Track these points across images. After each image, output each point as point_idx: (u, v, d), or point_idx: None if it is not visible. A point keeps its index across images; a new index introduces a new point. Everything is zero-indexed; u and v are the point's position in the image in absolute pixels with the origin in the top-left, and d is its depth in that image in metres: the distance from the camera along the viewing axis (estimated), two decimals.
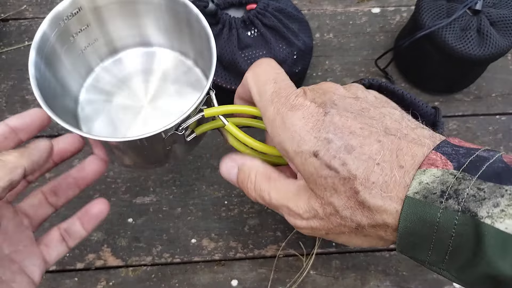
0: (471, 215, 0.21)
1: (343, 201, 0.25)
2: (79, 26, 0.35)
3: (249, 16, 0.45)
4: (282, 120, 0.27)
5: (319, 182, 0.26)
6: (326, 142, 0.25)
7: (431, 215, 0.22)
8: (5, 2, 0.57)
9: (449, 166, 0.23)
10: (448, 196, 0.22)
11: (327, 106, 0.26)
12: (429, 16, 0.47)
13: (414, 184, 0.23)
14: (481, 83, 0.55)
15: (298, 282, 0.45)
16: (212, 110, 0.30)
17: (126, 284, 0.45)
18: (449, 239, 0.22)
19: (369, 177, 0.24)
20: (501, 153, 0.24)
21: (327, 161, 0.25)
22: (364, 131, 0.25)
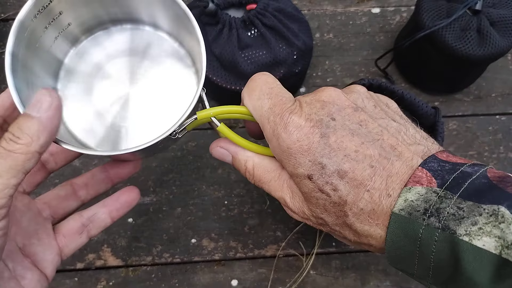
0: (450, 232, 0.22)
1: (332, 219, 0.27)
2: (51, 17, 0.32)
3: (249, 16, 0.45)
4: (278, 142, 0.27)
5: (312, 201, 0.27)
6: (320, 167, 0.26)
7: (414, 230, 0.24)
8: (5, 2, 0.57)
9: (433, 183, 0.24)
10: (430, 214, 0.23)
11: (323, 125, 0.26)
12: (429, 16, 0.47)
13: (400, 201, 0.24)
14: (481, 83, 0.55)
15: (298, 282, 0.46)
16: (205, 113, 0.30)
17: (126, 284, 0.45)
18: (430, 254, 0.23)
19: (358, 204, 0.25)
20: (486, 167, 0.24)
21: (320, 185, 0.26)
22: (358, 155, 0.25)
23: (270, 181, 0.30)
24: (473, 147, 0.52)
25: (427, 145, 0.27)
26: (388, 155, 0.25)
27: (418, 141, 0.27)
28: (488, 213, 0.22)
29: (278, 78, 0.46)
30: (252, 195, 0.49)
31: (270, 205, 0.48)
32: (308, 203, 0.28)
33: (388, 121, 0.27)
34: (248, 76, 0.45)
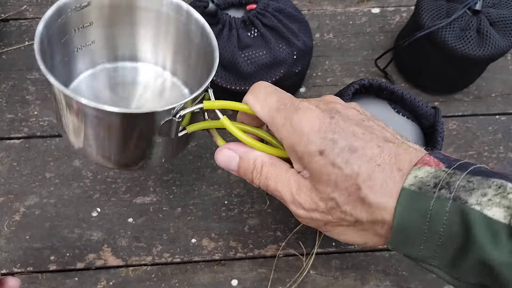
0: (462, 202, 0.23)
1: (344, 197, 0.27)
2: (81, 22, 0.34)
3: (249, 16, 0.45)
4: (291, 124, 0.28)
5: (323, 179, 0.27)
6: (331, 142, 0.27)
7: (425, 203, 0.24)
8: (5, 2, 0.58)
9: (441, 165, 0.25)
10: (441, 187, 0.24)
11: (332, 111, 0.28)
12: (429, 16, 0.47)
13: (410, 177, 0.25)
14: (481, 83, 0.55)
15: (298, 282, 0.46)
16: (211, 103, 0.31)
17: (126, 284, 0.45)
18: (440, 227, 0.24)
19: (371, 176, 0.26)
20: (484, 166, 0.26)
21: (332, 159, 0.26)
22: (365, 136, 0.27)
23: (277, 176, 0.30)
24: (473, 147, 0.52)
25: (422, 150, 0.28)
26: (393, 141, 0.27)
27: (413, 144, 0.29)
28: (497, 185, 0.23)
29: (278, 78, 0.46)
30: (252, 195, 0.49)
31: (270, 205, 0.48)
32: (318, 184, 0.28)
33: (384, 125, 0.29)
34: (248, 76, 0.46)
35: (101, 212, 0.47)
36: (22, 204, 0.47)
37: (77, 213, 0.47)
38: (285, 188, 0.30)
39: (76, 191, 0.48)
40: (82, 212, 0.47)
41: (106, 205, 0.48)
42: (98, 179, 0.49)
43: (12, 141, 0.50)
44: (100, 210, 0.48)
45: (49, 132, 0.51)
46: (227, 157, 0.32)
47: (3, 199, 0.47)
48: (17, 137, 0.50)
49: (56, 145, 0.50)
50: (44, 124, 0.51)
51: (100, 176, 0.49)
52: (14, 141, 0.50)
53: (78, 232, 0.47)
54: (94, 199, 0.48)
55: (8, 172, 0.48)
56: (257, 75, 0.46)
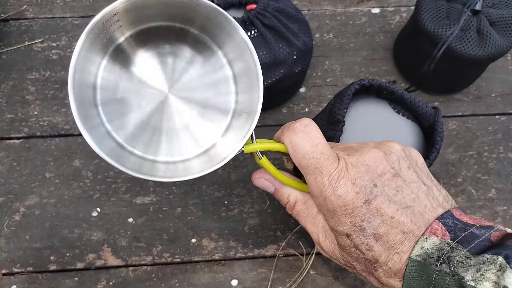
0: (459, 278, 0.26)
1: (362, 268, 0.31)
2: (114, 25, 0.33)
3: (249, 16, 0.45)
4: (325, 203, 0.30)
5: (346, 252, 0.31)
6: (359, 229, 0.29)
7: (428, 274, 0.27)
8: (5, 2, 0.58)
9: (447, 236, 0.28)
10: (442, 261, 0.27)
11: (367, 192, 0.29)
12: (429, 16, 0.47)
13: (417, 248, 0.28)
14: (481, 83, 0.55)
15: (298, 282, 0.46)
16: (252, 147, 0.33)
17: (126, 284, 0.45)
18: None
19: (388, 264, 0.29)
20: (491, 231, 0.28)
21: (356, 244, 0.30)
22: (393, 222, 0.29)
23: (307, 217, 0.34)
24: (473, 147, 0.52)
25: (445, 206, 0.30)
26: (418, 222, 0.29)
27: (441, 203, 0.30)
28: (489, 261, 0.26)
29: (278, 78, 0.46)
30: (252, 195, 0.49)
31: (270, 205, 0.48)
32: (341, 251, 0.32)
33: (419, 184, 0.30)
34: None
35: (101, 212, 0.47)
36: (22, 204, 0.47)
37: (77, 213, 0.47)
38: (313, 230, 0.33)
39: (76, 191, 0.48)
40: (82, 212, 0.47)
41: (106, 205, 0.48)
42: (98, 179, 0.49)
43: (12, 141, 0.50)
44: (100, 210, 0.48)
45: (49, 132, 0.51)
46: (263, 185, 0.36)
47: (3, 199, 0.47)
48: (17, 137, 0.50)
49: (56, 145, 0.50)
50: (44, 124, 0.51)
51: (100, 176, 0.49)
52: (14, 141, 0.50)
53: (78, 232, 0.47)
54: (94, 199, 0.48)
55: (8, 172, 0.48)
56: None
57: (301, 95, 0.54)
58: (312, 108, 0.53)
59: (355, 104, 0.39)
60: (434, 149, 0.37)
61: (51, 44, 0.55)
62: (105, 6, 0.31)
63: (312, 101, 0.53)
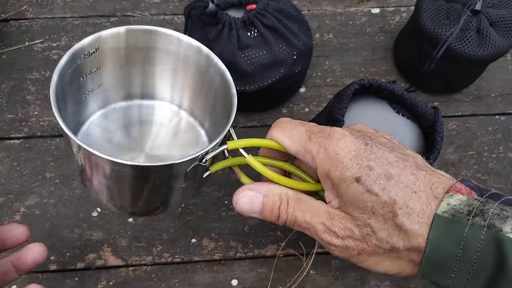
0: (496, 230, 0.23)
1: (380, 223, 0.27)
2: (90, 67, 0.34)
3: (249, 16, 0.45)
4: (326, 151, 0.28)
5: (358, 206, 0.27)
6: (367, 169, 0.27)
7: (459, 230, 0.24)
8: (5, 3, 0.58)
9: (473, 194, 0.26)
10: (475, 214, 0.24)
11: (365, 138, 0.28)
12: (429, 16, 0.47)
13: (443, 204, 0.25)
14: (481, 83, 0.55)
15: (298, 281, 0.46)
16: (235, 143, 0.31)
17: (126, 283, 0.45)
18: (474, 254, 0.24)
19: (408, 203, 0.26)
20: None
21: (369, 186, 0.27)
22: (399, 163, 0.27)
23: (306, 208, 0.30)
24: (473, 147, 0.52)
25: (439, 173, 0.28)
26: (425, 168, 0.27)
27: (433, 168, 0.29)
28: None
29: (278, 78, 0.46)
30: None
31: None
32: (353, 211, 0.28)
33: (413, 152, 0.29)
34: (248, 76, 0.46)
35: (101, 212, 0.47)
36: (22, 204, 0.47)
37: (77, 213, 0.47)
38: (315, 219, 0.29)
39: (76, 191, 0.48)
40: (82, 212, 0.47)
41: None
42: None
43: (12, 141, 0.50)
44: (100, 210, 0.48)
45: (49, 132, 0.51)
46: (249, 198, 0.31)
47: (3, 199, 0.47)
48: (17, 137, 0.50)
49: (56, 145, 0.50)
50: (44, 124, 0.51)
51: None
52: (14, 141, 0.50)
53: (78, 232, 0.47)
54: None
55: (8, 172, 0.49)
56: (257, 75, 0.46)
57: (301, 95, 0.54)
58: (312, 108, 0.53)
59: (355, 104, 0.39)
60: (434, 149, 0.37)
61: (51, 44, 0.55)
62: (105, 6, 0.31)
63: (312, 101, 0.53)
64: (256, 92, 0.47)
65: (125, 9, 0.57)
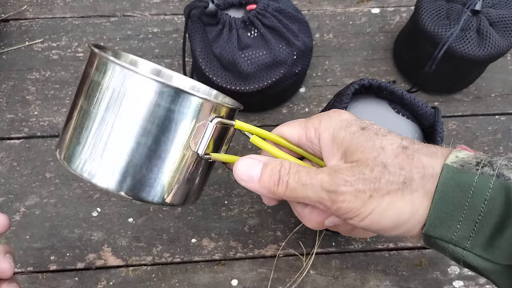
0: (505, 179, 0.24)
1: (391, 158, 0.26)
2: None
3: (249, 16, 0.45)
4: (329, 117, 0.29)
5: (367, 149, 0.27)
6: (369, 123, 0.28)
7: (468, 179, 0.25)
8: (5, 3, 0.58)
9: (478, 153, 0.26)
10: (483, 165, 0.25)
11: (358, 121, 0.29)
12: (429, 16, 0.47)
13: (451, 156, 0.26)
14: (481, 83, 0.55)
15: (298, 281, 0.46)
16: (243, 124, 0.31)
17: (126, 283, 0.45)
18: (482, 203, 0.24)
19: (414, 142, 0.27)
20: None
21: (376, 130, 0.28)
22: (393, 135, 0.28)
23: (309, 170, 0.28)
24: (473, 147, 0.52)
25: None
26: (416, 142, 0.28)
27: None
28: None
29: (278, 78, 0.46)
30: (252, 195, 0.49)
31: None
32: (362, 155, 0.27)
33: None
34: (248, 76, 0.46)
35: (101, 212, 0.47)
36: (22, 204, 0.47)
37: (77, 213, 0.47)
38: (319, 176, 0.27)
39: (76, 191, 0.48)
40: (82, 212, 0.47)
41: (106, 205, 0.48)
42: None
43: (12, 141, 0.50)
44: (100, 210, 0.48)
45: (49, 132, 0.51)
46: (249, 163, 0.30)
47: (3, 199, 0.47)
48: (17, 137, 0.50)
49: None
50: (44, 124, 0.51)
51: None
52: (14, 141, 0.50)
53: (78, 232, 0.47)
54: (94, 199, 0.48)
55: (8, 172, 0.49)
56: (257, 75, 0.46)
57: (301, 95, 0.54)
58: (312, 108, 0.53)
59: (355, 104, 0.39)
60: None
61: (51, 44, 0.55)
62: (105, 6, 0.31)
63: (312, 101, 0.53)
64: (256, 92, 0.47)
65: (125, 9, 0.57)
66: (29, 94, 0.52)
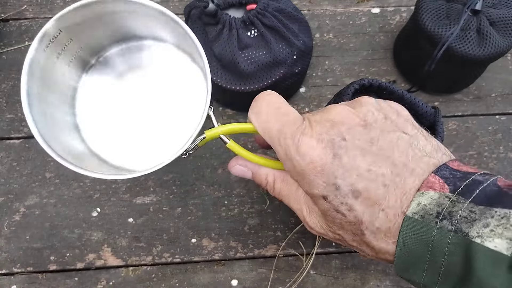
0: (463, 235, 0.23)
1: (349, 236, 0.27)
2: (61, 45, 0.34)
3: (249, 16, 0.45)
4: (292, 164, 0.27)
5: (329, 219, 0.28)
6: (334, 188, 0.26)
7: (427, 233, 0.24)
8: (5, 2, 0.58)
9: (446, 189, 0.25)
10: (443, 217, 0.24)
11: (335, 146, 0.26)
12: (429, 16, 0.47)
13: (413, 205, 0.25)
14: (481, 83, 0.55)
15: (298, 282, 0.46)
16: (213, 132, 0.30)
17: (126, 284, 0.45)
18: (442, 257, 0.24)
19: (374, 223, 0.26)
20: (497, 177, 0.25)
21: (335, 206, 0.26)
22: (371, 174, 0.26)
23: (289, 194, 0.31)
24: (473, 147, 0.52)
25: (437, 157, 0.27)
26: (401, 172, 0.26)
27: (429, 154, 0.27)
28: (500, 215, 0.23)
29: (278, 78, 0.46)
30: (252, 195, 0.49)
31: (270, 205, 0.48)
32: (325, 220, 0.28)
33: (399, 134, 0.27)
34: (248, 76, 0.46)
35: (101, 212, 0.47)
36: (22, 204, 0.47)
37: (77, 213, 0.47)
38: (297, 206, 0.30)
39: (76, 191, 0.48)
40: (82, 212, 0.47)
41: (106, 205, 0.48)
42: (98, 179, 0.49)
43: (12, 141, 0.50)
44: (100, 210, 0.48)
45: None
46: (241, 171, 0.33)
47: (3, 199, 0.47)
48: (17, 137, 0.50)
49: None
50: None
51: None
52: (14, 141, 0.50)
53: (78, 232, 0.47)
54: (94, 199, 0.48)
55: (8, 172, 0.48)
56: (257, 75, 0.46)
57: (301, 95, 0.54)
58: (312, 108, 0.53)
59: None
60: None
61: None
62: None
63: (312, 101, 0.53)
64: (256, 92, 0.47)
65: None
66: None
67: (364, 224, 0.26)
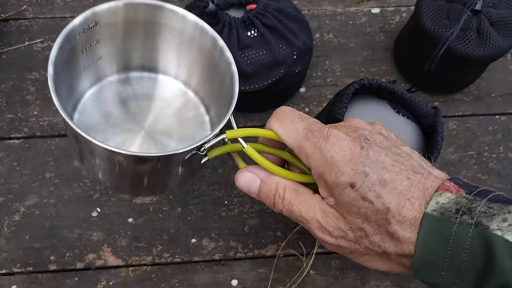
0: (483, 228, 0.24)
1: (373, 228, 0.27)
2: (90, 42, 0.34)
3: (249, 16, 0.45)
4: (321, 154, 0.28)
5: (352, 210, 0.28)
6: (363, 175, 0.27)
7: (447, 229, 0.25)
8: (5, 2, 0.58)
9: (462, 192, 0.26)
10: (462, 212, 0.25)
11: (362, 140, 0.28)
12: (429, 16, 0.47)
13: (432, 203, 0.26)
14: (481, 83, 0.55)
15: (298, 282, 0.46)
16: (234, 132, 0.31)
17: (126, 284, 0.45)
18: (463, 252, 0.24)
19: (401, 211, 0.26)
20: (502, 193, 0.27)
21: (363, 192, 0.27)
22: (395, 168, 0.27)
23: (301, 203, 0.30)
24: (473, 147, 0.52)
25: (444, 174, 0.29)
26: (421, 171, 0.27)
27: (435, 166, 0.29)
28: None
29: (278, 78, 0.46)
30: None
31: None
32: (347, 214, 0.28)
33: (409, 148, 0.29)
34: (248, 76, 0.46)
35: (101, 212, 0.47)
36: (22, 204, 0.47)
37: (77, 213, 0.47)
38: (311, 214, 0.30)
39: (76, 191, 0.48)
40: (82, 212, 0.47)
41: (106, 205, 0.48)
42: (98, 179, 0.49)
43: (12, 141, 0.50)
44: (100, 210, 0.48)
45: (49, 132, 0.51)
46: (248, 179, 0.32)
47: (3, 199, 0.47)
48: (17, 137, 0.50)
49: (56, 145, 0.50)
50: (44, 124, 0.51)
51: None
52: (14, 141, 0.50)
53: (78, 232, 0.47)
54: (94, 199, 0.48)
55: (8, 172, 0.48)
56: (257, 75, 0.46)
57: (301, 95, 0.54)
58: (312, 108, 0.53)
59: (355, 104, 0.39)
60: (434, 149, 0.37)
61: (51, 44, 0.55)
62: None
63: (312, 101, 0.53)
64: (256, 92, 0.47)
65: None
66: (29, 94, 0.52)
67: (390, 212, 0.26)
